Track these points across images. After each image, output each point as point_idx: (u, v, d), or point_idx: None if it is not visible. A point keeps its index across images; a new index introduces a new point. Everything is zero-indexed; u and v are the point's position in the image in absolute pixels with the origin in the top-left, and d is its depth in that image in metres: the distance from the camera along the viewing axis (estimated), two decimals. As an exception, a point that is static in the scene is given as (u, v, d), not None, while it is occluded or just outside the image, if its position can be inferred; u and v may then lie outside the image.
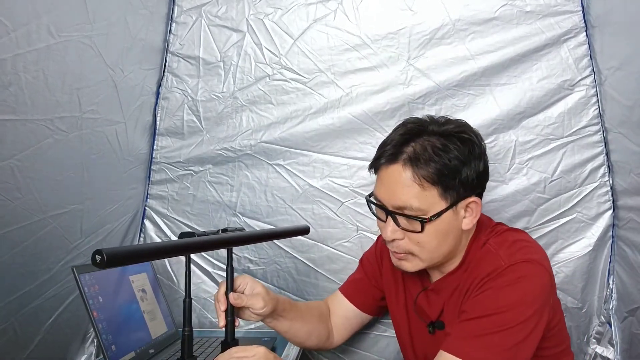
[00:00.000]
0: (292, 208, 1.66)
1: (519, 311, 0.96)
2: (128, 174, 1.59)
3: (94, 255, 0.69)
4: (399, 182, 1.03)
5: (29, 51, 1.03)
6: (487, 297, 1.00)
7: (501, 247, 1.06)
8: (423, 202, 1.02)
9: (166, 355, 1.38)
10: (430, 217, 1.02)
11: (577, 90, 1.48)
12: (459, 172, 1.02)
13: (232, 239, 1.09)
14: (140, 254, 0.80)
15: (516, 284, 0.98)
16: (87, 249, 1.39)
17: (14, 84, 1.01)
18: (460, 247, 1.12)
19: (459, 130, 1.06)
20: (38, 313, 1.26)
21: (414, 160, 1.02)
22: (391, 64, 1.57)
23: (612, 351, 1.48)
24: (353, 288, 1.39)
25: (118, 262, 0.72)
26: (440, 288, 1.16)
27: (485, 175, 1.09)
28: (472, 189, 1.06)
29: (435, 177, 1.01)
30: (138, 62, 1.54)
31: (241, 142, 1.67)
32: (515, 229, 1.17)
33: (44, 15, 1.06)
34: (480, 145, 1.08)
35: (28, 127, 1.08)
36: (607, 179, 1.47)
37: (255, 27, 1.66)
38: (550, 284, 1.03)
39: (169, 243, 0.95)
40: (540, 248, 1.09)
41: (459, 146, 1.03)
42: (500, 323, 0.96)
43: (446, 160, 1.01)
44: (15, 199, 1.09)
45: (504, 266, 1.00)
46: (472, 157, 1.04)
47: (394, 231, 1.07)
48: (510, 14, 1.50)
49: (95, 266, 0.69)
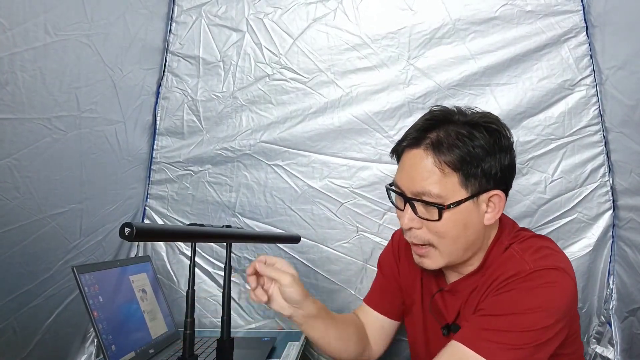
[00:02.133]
0: (291, 209, 1.66)
1: (540, 316, 0.93)
2: (128, 173, 1.59)
3: (122, 228, 0.73)
4: (419, 166, 1.01)
5: (26, 50, 1.03)
6: (509, 297, 0.96)
7: (526, 252, 1.02)
8: (443, 189, 0.99)
9: (166, 355, 1.38)
10: (449, 205, 0.99)
11: (578, 90, 1.47)
12: (483, 161, 0.99)
13: (234, 233, 1.12)
14: (167, 234, 0.89)
15: (542, 289, 0.95)
16: (86, 249, 1.40)
17: (11, 83, 1.01)
18: (481, 247, 1.08)
19: (487, 121, 1.04)
20: (37, 312, 1.26)
21: (437, 145, 1.00)
22: (391, 63, 1.57)
23: (612, 351, 1.48)
24: (377, 296, 1.34)
25: (146, 237, 0.79)
26: (458, 290, 1.13)
27: (510, 170, 1.06)
28: (496, 182, 1.02)
29: (457, 163, 0.98)
30: (137, 61, 1.54)
31: (241, 142, 1.67)
32: (541, 236, 1.12)
33: (41, 13, 1.06)
34: (507, 138, 1.04)
35: (26, 126, 1.08)
36: (607, 179, 1.47)
37: (255, 27, 1.66)
38: (575, 296, 1.00)
39: (196, 228, 0.99)
40: (565, 257, 1.04)
41: (485, 135, 1.00)
42: (517, 323, 0.93)
43: (470, 147, 0.98)
44: (14, 199, 1.09)
45: (529, 270, 0.96)
46: (498, 149, 1.01)
47: (411, 219, 1.04)
48: (511, 14, 1.49)
49: (123, 238, 0.73)
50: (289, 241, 1.47)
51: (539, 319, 0.93)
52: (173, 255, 1.76)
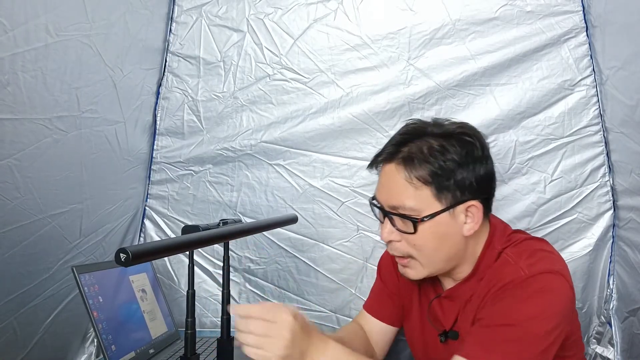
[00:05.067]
0: (292, 208, 1.66)
1: (539, 324, 0.93)
2: (128, 173, 1.59)
3: (117, 254, 0.71)
4: (393, 181, 1.03)
5: (27, 50, 1.03)
6: (507, 307, 0.96)
7: (520, 258, 1.01)
8: (417, 202, 1.00)
9: (166, 355, 1.38)
10: (423, 218, 1.00)
11: (578, 90, 1.48)
12: (455, 173, 1.00)
13: (231, 231, 1.10)
14: (163, 249, 0.85)
15: (538, 296, 0.95)
16: (86, 249, 1.40)
17: (12, 83, 1.01)
18: (467, 254, 1.08)
19: (461, 132, 1.04)
20: (37, 312, 1.26)
21: (408, 160, 1.01)
22: (391, 64, 1.57)
23: (612, 351, 1.48)
24: (377, 303, 1.34)
25: (143, 258, 0.75)
26: (454, 296, 1.12)
27: (488, 179, 1.05)
28: (472, 192, 1.02)
29: (428, 177, 0.99)
30: (138, 61, 1.54)
31: (241, 142, 1.67)
32: (535, 238, 1.12)
33: (42, 14, 1.06)
34: (481, 149, 1.04)
35: (27, 126, 1.08)
36: (607, 179, 1.47)
37: (255, 27, 1.66)
38: (571, 297, 1.00)
39: (191, 236, 0.97)
40: (560, 258, 1.04)
41: (457, 148, 1.01)
42: (519, 333, 0.92)
43: (441, 161, 0.99)
44: (14, 199, 1.09)
45: (525, 277, 0.96)
46: (471, 160, 1.01)
47: (390, 232, 1.05)
48: (511, 14, 1.50)
49: (119, 264, 0.71)
50: (286, 224, 1.44)
51: (540, 326, 0.93)
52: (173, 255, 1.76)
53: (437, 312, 1.17)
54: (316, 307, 1.66)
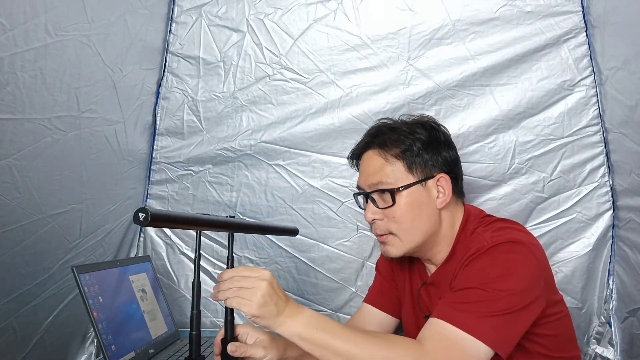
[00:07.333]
0: (292, 208, 1.66)
1: (506, 282, 0.97)
2: (128, 173, 1.59)
3: (137, 213, 0.78)
4: (370, 163, 1.19)
5: (26, 50, 1.03)
6: (472, 270, 1.03)
7: (487, 232, 1.10)
8: (391, 176, 1.15)
9: (166, 355, 1.38)
10: (399, 188, 1.13)
11: (577, 90, 1.48)
12: (424, 150, 1.16)
13: (240, 223, 1.17)
14: (179, 220, 0.95)
15: (502, 258, 1.01)
16: (86, 249, 1.40)
17: (11, 83, 1.01)
18: (442, 231, 1.17)
19: (426, 121, 1.22)
20: (37, 312, 1.26)
21: (382, 144, 1.18)
22: (391, 64, 1.57)
23: (612, 351, 1.47)
24: (376, 294, 1.39)
25: (160, 222, 0.84)
26: (438, 282, 1.18)
27: (452, 161, 1.20)
28: (439, 169, 1.17)
29: (400, 153, 1.15)
30: (138, 61, 1.54)
31: (241, 142, 1.67)
32: (507, 220, 1.20)
33: (42, 14, 1.06)
34: (444, 136, 1.21)
35: (26, 126, 1.08)
36: (607, 179, 1.47)
37: (255, 27, 1.66)
38: (537, 266, 1.03)
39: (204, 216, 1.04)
40: (528, 234, 1.12)
41: (423, 131, 1.18)
42: (487, 292, 0.97)
43: (410, 141, 1.16)
44: (14, 199, 1.09)
45: (488, 245, 1.03)
46: (436, 143, 1.18)
47: (373, 212, 1.17)
48: (510, 14, 1.50)
49: (137, 223, 0.78)
50: (287, 233, 1.51)
51: (506, 285, 0.97)
52: (173, 255, 1.76)
53: (425, 299, 1.24)
54: (316, 307, 1.66)
